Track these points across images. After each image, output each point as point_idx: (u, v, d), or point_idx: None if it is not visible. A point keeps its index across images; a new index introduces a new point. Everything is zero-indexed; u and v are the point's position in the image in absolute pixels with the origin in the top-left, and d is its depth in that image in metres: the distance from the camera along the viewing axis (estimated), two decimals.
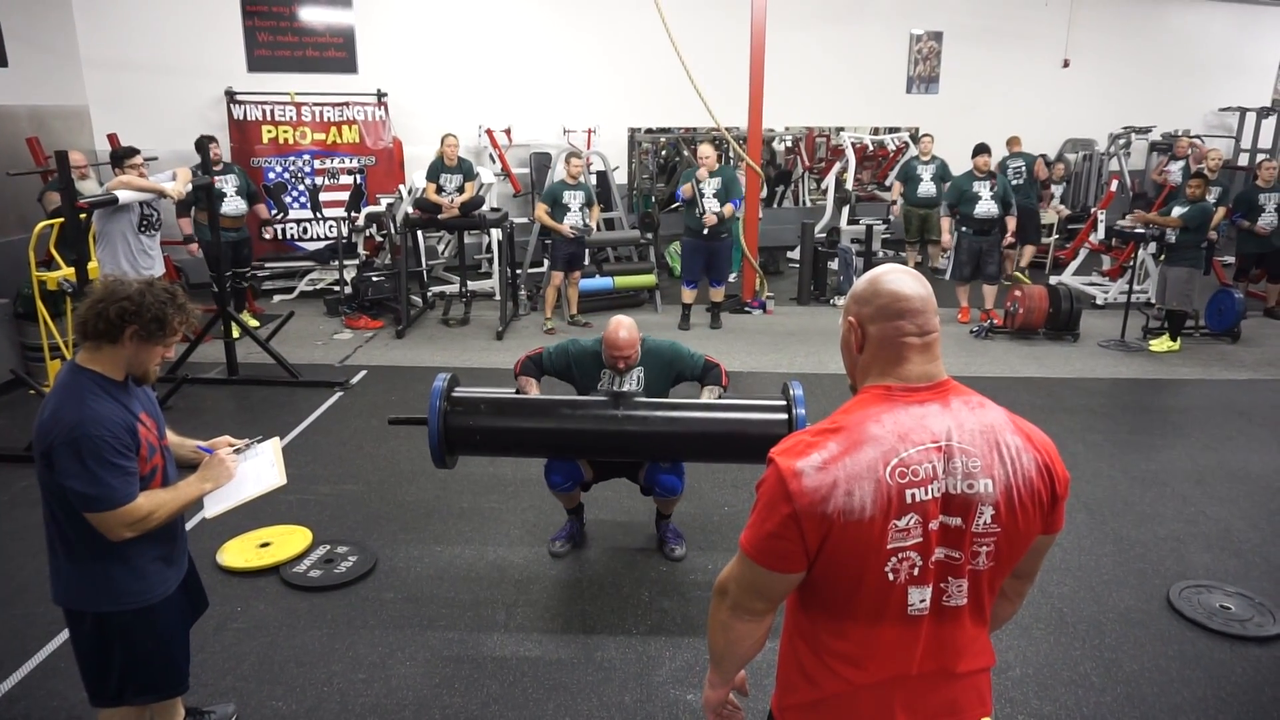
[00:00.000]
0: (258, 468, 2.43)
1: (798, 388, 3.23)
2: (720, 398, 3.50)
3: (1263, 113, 11.74)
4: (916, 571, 1.36)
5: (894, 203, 9.76)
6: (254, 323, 7.29)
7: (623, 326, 3.40)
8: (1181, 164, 9.92)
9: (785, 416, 3.20)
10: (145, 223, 5.43)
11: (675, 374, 3.59)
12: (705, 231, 7.31)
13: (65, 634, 3.14)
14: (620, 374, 3.48)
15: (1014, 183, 9.54)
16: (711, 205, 7.26)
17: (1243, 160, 11.97)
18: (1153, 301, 8.10)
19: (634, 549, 3.91)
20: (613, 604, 3.48)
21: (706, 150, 7.45)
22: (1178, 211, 6.87)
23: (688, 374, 3.61)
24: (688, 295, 7.72)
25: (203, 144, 6.86)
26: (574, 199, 7.44)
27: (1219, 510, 4.34)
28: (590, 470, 3.71)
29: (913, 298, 1.40)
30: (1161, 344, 7.13)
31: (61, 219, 4.98)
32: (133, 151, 5.68)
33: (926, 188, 9.16)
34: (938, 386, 1.41)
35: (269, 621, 3.33)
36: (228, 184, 7.41)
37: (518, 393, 3.51)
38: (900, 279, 1.42)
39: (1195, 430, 5.48)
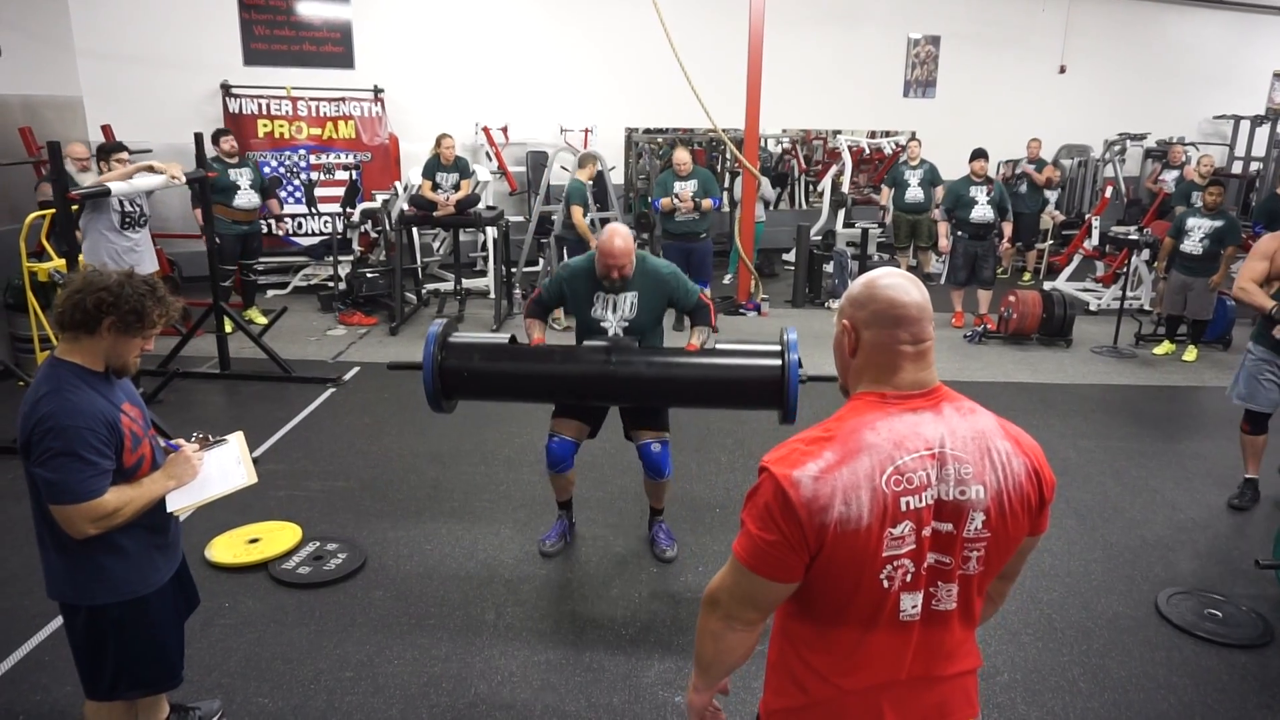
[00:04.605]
0: (223, 465, 2.38)
1: (793, 333, 3.19)
2: (707, 342, 3.45)
3: (1257, 121, 11.79)
4: (909, 578, 1.36)
5: (883, 208, 9.75)
6: (262, 319, 7.22)
7: (618, 235, 3.33)
8: (1176, 173, 9.95)
9: (779, 363, 3.14)
10: (127, 220, 5.42)
11: (667, 297, 3.53)
12: (678, 219, 7.25)
13: (52, 627, 3.15)
14: (614, 292, 3.43)
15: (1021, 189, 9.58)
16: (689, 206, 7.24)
17: (1236, 168, 12.03)
18: (1148, 308, 8.13)
19: (625, 550, 3.90)
20: (602, 605, 3.47)
21: (682, 156, 7.36)
22: (1207, 225, 6.68)
23: (679, 302, 3.57)
24: None
25: (213, 137, 7.08)
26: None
27: (1208, 517, 4.35)
28: (586, 426, 3.64)
29: (909, 305, 1.39)
30: (1164, 349, 7.19)
31: (53, 209, 4.95)
32: (119, 147, 5.70)
33: (914, 193, 9.00)
34: (930, 393, 1.41)
35: (257, 618, 3.32)
36: (242, 177, 7.34)
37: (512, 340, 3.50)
38: (898, 285, 1.40)
39: (1186, 437, 5.50)
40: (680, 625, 3.33)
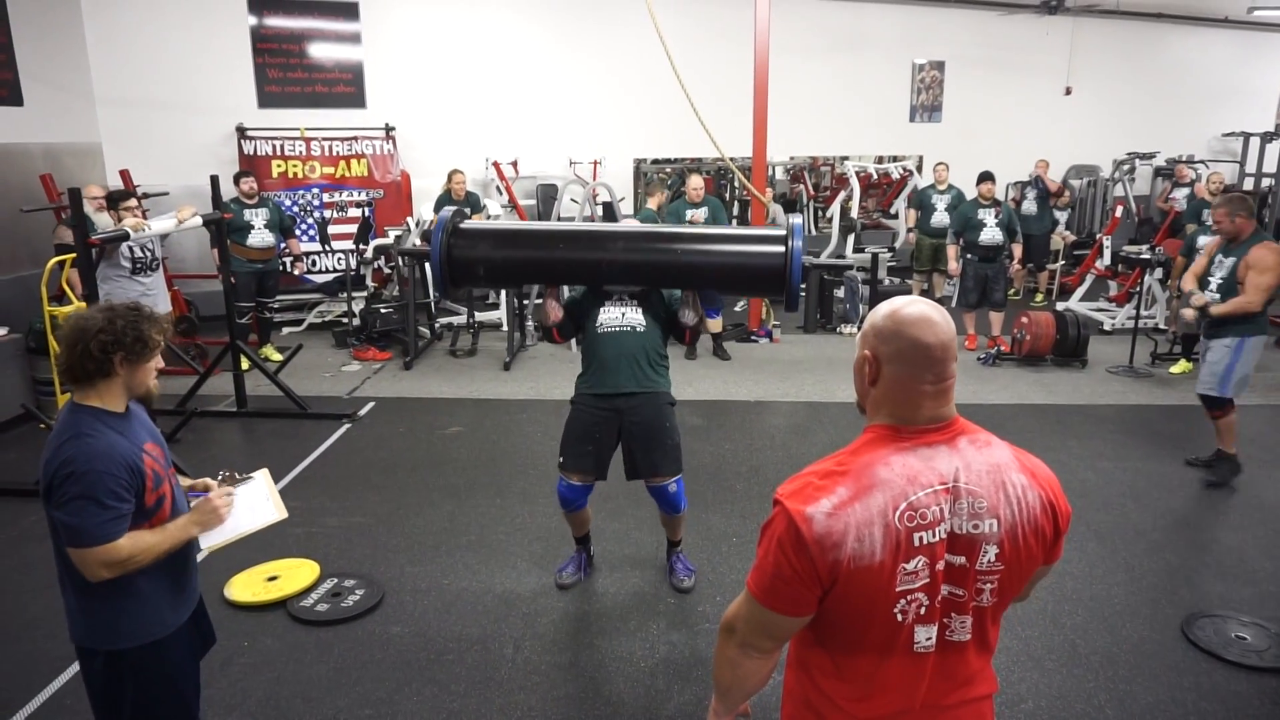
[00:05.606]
0: (251, 502, 2.41)
1: (797, 218, 3.25)
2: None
3: (1266, 137, 11.76)
4: (923, 611, 1.37)
5: (909, 230, 9.73)
6: (277, 357, 7.31)
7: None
8: (1187, 190, 9.93)
9: (783, 249, 3.17)
10: (138, 265, 5.53)
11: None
12: None
13: (73, 670, 3.15)
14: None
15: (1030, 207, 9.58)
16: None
17: (1247, 185, 11.99)
18: (1163, 327, 8.08)
19: (642, 581, 3.89)
20: (621, 637, 3.46)
21: (696, 181, 7.47)
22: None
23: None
24: None
25: (234, 178, 7.39)
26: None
27: (1232, 538, 4.30)
28: (593, 474, 3.64)
29: (934, 347, 1.37)
30: (1181, 368, 7.18)
31: (72, 254, 5.05)
32: (127, 195, 5.84)
33: (940, 217, 8.92)
34: (947, 427, 1.41)
35: (275, 656, 3.32)
36: (257, 217, 7.47)
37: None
38: (925, 322, 1.38)
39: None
40: (699, 656, 3.30)
